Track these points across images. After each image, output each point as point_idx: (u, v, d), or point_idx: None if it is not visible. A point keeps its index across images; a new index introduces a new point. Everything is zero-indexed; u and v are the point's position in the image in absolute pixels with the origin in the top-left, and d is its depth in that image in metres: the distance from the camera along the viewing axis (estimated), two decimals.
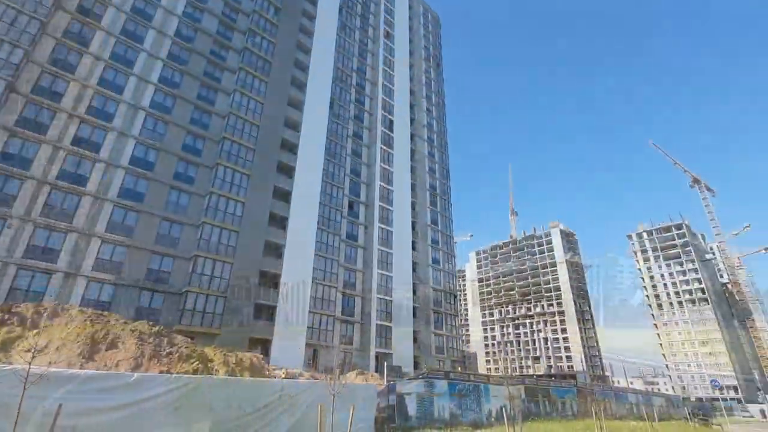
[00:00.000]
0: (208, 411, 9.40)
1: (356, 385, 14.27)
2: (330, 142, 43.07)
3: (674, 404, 45.78)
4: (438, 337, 48.25)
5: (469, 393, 21.94)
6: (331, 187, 41.61)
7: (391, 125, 52.51)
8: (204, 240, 30.61)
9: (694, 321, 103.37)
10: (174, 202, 31.05)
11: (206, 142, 34.17)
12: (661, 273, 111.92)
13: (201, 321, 28.81)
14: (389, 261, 44.94)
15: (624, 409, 35.99)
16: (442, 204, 57.00)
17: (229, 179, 33.51)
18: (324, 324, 36.52)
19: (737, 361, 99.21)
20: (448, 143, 63.98)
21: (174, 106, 33.30)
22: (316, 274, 37.09)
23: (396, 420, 17.42)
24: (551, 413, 27.26)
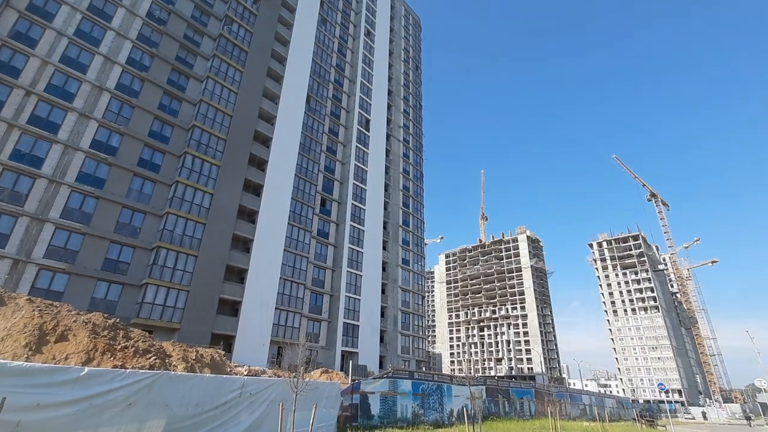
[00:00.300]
0: (163, 408, 9.05)
1: (320, 383, 14.15)
2: (305, 138, 42.52)
3: (624, 406, 48.27)
4: (405, 337, 48.65)
5: (432, 393, 22.23)
6: (304, 183, 41.08)
7: (367, 124, 52.45)
8: (167, 231, 29.45)
9: (645, 327, 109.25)
10: (137, 189, 29.69)
11: (175, 129, 32.88)
12: (618, 281, 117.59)
13: (161, 315, 27.71)
14: (359, 260, 44.88)
15: (578, 409, 37.60)
16: (414, 205, 57.47)
17: (197, 169, 32.42)
18: (290, 321, 36.02)
19: (682, 366, 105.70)
20: (423, 146, 64.59)
21: (142, 90, 31.83)
22: (284, 271, 36.52)
23: (359, 419, 17.42)
24: (510, 413, 28.08)
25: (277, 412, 11.44)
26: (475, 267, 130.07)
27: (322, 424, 13.70)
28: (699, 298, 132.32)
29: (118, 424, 8.35)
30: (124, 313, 26.54)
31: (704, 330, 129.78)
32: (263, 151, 37.89)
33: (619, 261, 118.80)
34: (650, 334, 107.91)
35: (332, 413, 14.40)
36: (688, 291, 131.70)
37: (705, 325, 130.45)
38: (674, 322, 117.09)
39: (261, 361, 31.35)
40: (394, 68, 62.41)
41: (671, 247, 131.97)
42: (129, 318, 26.42)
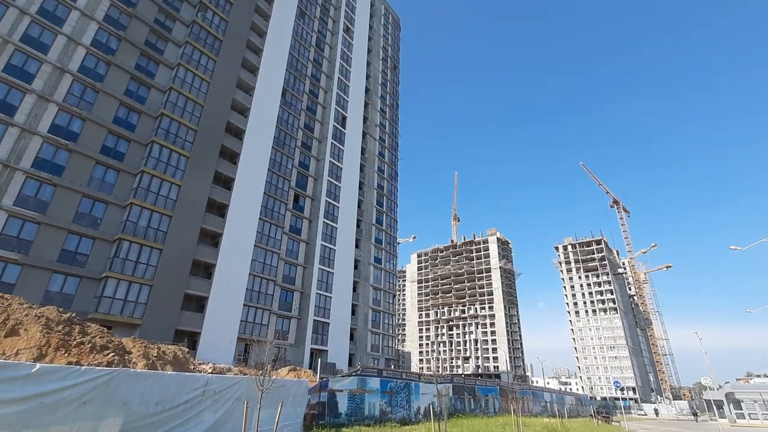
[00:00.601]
0: (121, 406, 8.70)
1: (287, 381, 13.98)
2: (279, 132, 41.80)
3: (582, 403, 50.37)
4: (375, 335, 48.79)
5: (400, 391, 22.43)
6: (278, 178, 40.40)
7: (343, 121, 52.15)
8: (131, 222, 28.25)
9: (604, 328, 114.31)
10: (99, 178, 28.29)
11: (142, 117, 31.54)
12: (581, 283, 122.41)
13: (121, 310, 26.57)
14: (332, 257, 44.63)
15: (540, 406, 38.94)
16: (388, 204, 57.67)
17: (165, 159, 31.24)
18: (259, 318, 35.39)
19: (637, 365, 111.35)
20: (399, 145, 64.89)
21: (107, 74, 30.33)
22: (254, 267, 35.83)
23: (326, 417, 17.36)
24: (475, 410, 28.72)
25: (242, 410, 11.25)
26: (446, 267, 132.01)
27: (288, 422, 13.56)
28: (654, 301, 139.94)
29: (71, 423, 7.97)
30: (82, 307, 25.27)
31: (658, 331, 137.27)
32: (235, 144, 36.97)
33: (583, 264, 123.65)
34: (608, 335, 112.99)
35: (299, 411, 14.28)
36: (644, 294, 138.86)
37: (659, 327, 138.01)
38: (631, 323, 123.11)
39: (227, 359, 30.65)
40: (372, 66, 62.32)
41: (630, 251, 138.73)
42: (86, 313, 25.18)
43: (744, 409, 42.93)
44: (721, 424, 34.98)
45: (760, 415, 41.78)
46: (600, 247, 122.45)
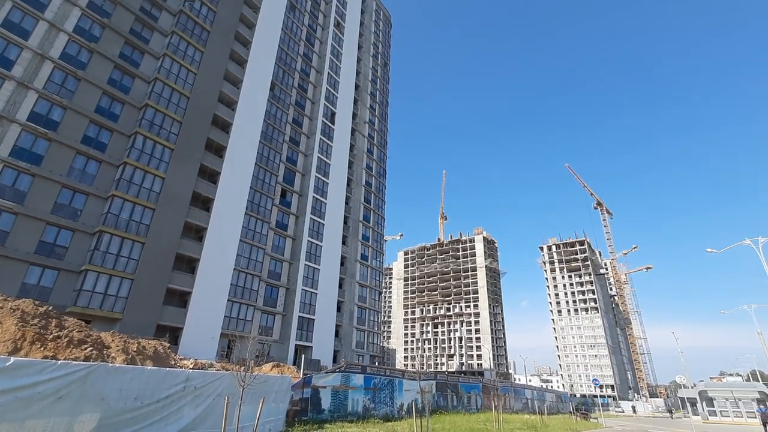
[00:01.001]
0: (98, 402, 8.55)
1: (269, 377, 13.92)
2: (267, 126, 41.36)
3: (563, 400, 51.40)
4: (360, 332, 48.85)
5: (383, 387, 22.54)
6: (265, 173, 40.00)
7: (332, 117, 51.87)
8: (112, 214, 27.63)
9: (585, 327, 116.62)
10: (79, 169, 27.57)
11: (125, 107, 30.83)
12: (564, 283, 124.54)
13: (101, 304, 26.02)
14: (318, 254, 44.46)
15: (521, 403, 39.60)
16: (376, 201, 57.66)
17: (148, 151, 30.62)
18: (243, 313, 35.08)
19: (616, 364, 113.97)
20: (387, 142, 64.85)
21: (90, 62, 29.52)
22: (239, 262, 35.46)
23: (309, 413, 17.34)
24: (458, 407, 29.06)
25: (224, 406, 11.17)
26: (433, 265, 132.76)
27: (270, 418, 13.52)
28: (633, 301, 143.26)
29: (46, 418, 7.80)
30: (60, 300, 24.67)
31: (636, 330, 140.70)
32: (222, 137, 36.45)
33: (566, 264, 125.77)
34: (589, 333, 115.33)
35: (281, 407, 14.24)
36: (624, 294, 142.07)
37: (637, 326, 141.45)
38: (611, 323, 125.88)
39: (210, 354, 30.35)
40: (362, 62, 62.06)
41: (612, 252, 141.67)
42: (65, 306, 24.59)
43: (716, 407, 44.41)
44: (694, 421, 36.14)
45: (731, 412, 43.28)
46: (583, 247, 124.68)
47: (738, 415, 42.60)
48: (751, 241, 24.99)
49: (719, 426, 35.87)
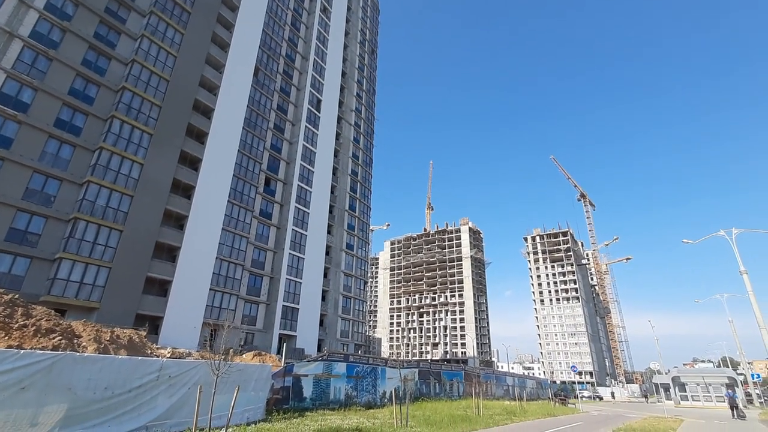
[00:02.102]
0: (65, 392, 8.26)
1: (248, 366, 13.74)
2: (251, 112, 40.45)
3: (543, 386, 52.68)
4: (345, 321, 48.90)
5: (366, 375, 22.61)
6: (248, 160, 39.24)
7: (318, 104, 51.05)
8: (87, 201, 26.75)
9: (566, 316, 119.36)
10: (52, 153, 26.53)
11: (101, 89, 29.67)
12: (547, 273, 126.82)
13: (77, 293, 25.30)
14: (303, 243, 44.09)
15: (502, 390, 40.40)
16: (362, 191, 57.32)
17: (126, 135, 29.62)
18: (226, 303, 34.66)
19: (595, 351, 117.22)
20: (374, 132, 64.30)
21: (62, 41, 28.23)
22: (221, 250, 34.91)
23: (290, 401, 17.28)
24: (440, 394, 29.44)
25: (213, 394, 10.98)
26: (419, 255, 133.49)
27: (250, 407, 13.39)
28: (613, 291, 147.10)
29: (8, 410, 7.50)
30: (33, 289, 23.92)
31: (615, 319, 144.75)
32: (203, 123, 35.51)
33: (549, 255, 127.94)
34: (570, 322, 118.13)
35: (261, 396, 14.11)
36: (605, 284, 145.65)
37: (616, 315, 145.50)
38: (591, 312, 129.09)
39: (191, 344, 29.94)
40: (349, 49, 61.05)
41: (594, 243, 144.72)
42: (38, 295, 23.86)
43: (688, 392, 46.14)
44: (666, 405, 37.46)
45: (702, 396, 45.03)
46: (566, 238, 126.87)
47: (708, 400, 44.35)
48: (725, 233, 25.67)
49: (690, 410, 37.28)
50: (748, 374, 46.72)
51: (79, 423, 8.41)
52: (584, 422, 20.13)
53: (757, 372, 58.85)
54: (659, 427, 17.71)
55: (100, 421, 8.74)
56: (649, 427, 17.80)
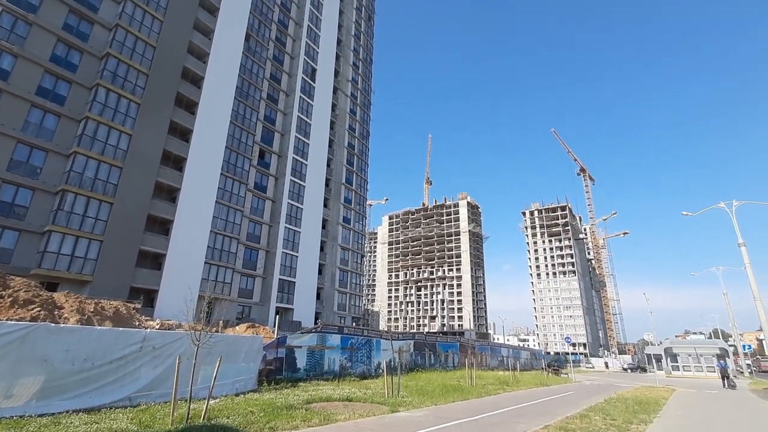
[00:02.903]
0: (41, 364, 7.98)
1: (238, 337, 13.58)
2: (243, 81, 39.10)
3: (537, 357, 53.70)
4: (342, 294, 49.16)
5: (361, 347, 22.67)
6: (241, 132, 38.24)
7: (313, 74, 49.44)
8: (75, 173, 26.09)
9: (562, 289, 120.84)
10: (36, 123, 25.66)
11: (84, 56, 28.44)
12: (544, 247, 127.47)
13: (68, 266, 25.04)
14: (299, 216, 43.67)
15: (497, 360, 41.05)
16: (358, 164, 56.44)
17: (112, 105, 28.62)
18: (221, 276, 34.54)
19: (589, 324, 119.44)
20: (371, 103, 62.70)
21: (42, 5, 26.81)
22: (216, 224, 34.50)
23: (284, 372, 17.28)
24: (435, 365, 29.77)
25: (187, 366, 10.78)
26: (417, 229, 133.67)
27: (240, 377, 13.29)
28: (609, 265, 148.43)
29: None
30: (23, 263, 23.66)
31: (610, 292, 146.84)
32: (193, 92, 34.34)
33: (547, 229, 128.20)
34: (566, 296, 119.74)
35: (253, 367, 14.02)
36: (601, 258, 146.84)
37: (612, 289, 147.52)
38: (587, 285, 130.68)
39: (187, 317, 29.93)
40: (345, 15, 58.64)
41: (592, 218, 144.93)
42: (29, 269, 23.61)
43: (679, 362, 47.08)
44: (658, 375, 38.23)
45: (693, 367, 45.98)
46: (564, 213, 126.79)
47: (699, 370, 45.30)
48: (725, 205, 25.28)
49: (681, 380, 38.06)
50: (739, 345, 47.54)
51: (58, 394, 8.18)
52: (576, 392, 20.36)
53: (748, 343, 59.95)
54: (651, 397, 17.87)
55: (81, 393, 8.52)
56: (641, 396, 17.97)
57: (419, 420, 9.42)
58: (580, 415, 11.22)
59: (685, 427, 10.49)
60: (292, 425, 7.89)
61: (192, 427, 7.30)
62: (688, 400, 18.28)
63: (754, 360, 64.05)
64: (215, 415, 8.48)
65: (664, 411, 13.26)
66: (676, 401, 17.34)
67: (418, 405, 11.87)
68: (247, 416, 8.38)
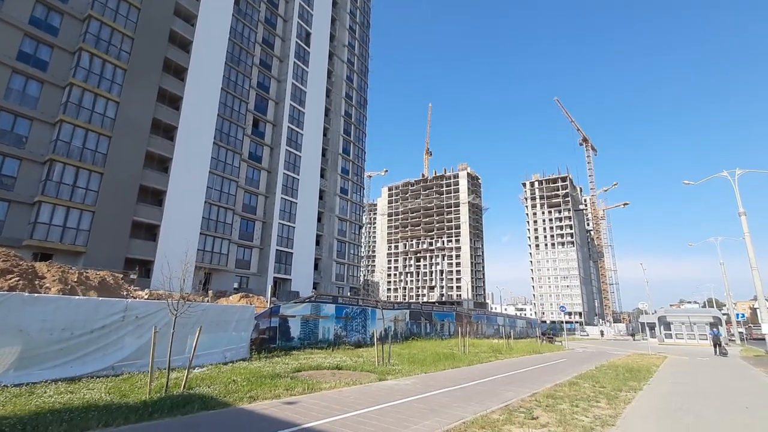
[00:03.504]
0: (16, 334, 7.81)
1: (228, 307, 13.47)
2: (233, 46, 37.56)
3: (532, 326, 54.65)
4: (339, 265, 49.37)
5: (356, 316, 22.78)
6: (233, 99, 37.10)
7: (307, 38, 47.50)
8: (63, 142, 25.43)
9: (560, 260, 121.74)
10: (18, 90, 24.75)
11: (65, 18, 27.09)
12: (543, 218, 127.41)
13: (61, 237, 24.84)
14: (295, 187, 43.14)
15: (493, 329, 41.70)
16: (356, 133, 55.29)
17: (97, 70, 27.53)
18: (218, 247, 34.47)
19: (585, 293, 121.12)
20: (369, 70, 60.70)
21: None
22: (210, 194, 34.07)
23: (277, 341, 17.35)
24: (431, 334, 30.15)
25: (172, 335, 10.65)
26: (417, 201, 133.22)
27: (231, 346, 13.27)
28: (608, 236, 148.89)
29: None
30: (14, 233, 23.42)
31: (608, 263, 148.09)
32: (182, 57, 33.02)
33: (547, 200, 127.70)
34: (564, 266, 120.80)
35: (244, 336, 13.99)
36: (600, 229, 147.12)
37: (609, 259, 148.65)
38: (585, 256, 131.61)
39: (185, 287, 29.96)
40: None
41: (593, 189, 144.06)
42: (20, 240, 23.42)
43: (672, 330, 47.88)
44: (650, 343, 38.89)
45: (686, 335, 46.79)
46: (565, 184, 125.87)
47: (691, 338, 46.11)
48: (728, 173, 24.72)
49: (673, 347, 38.75)
50: (733, 314, 48.16)
51: (37, 364, 8.06)
52: (568, 359, 20.59)
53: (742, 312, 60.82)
54: (642, 364, 18.03)
55: (61, 362, 8.40)
56: (633, 363, 18.13)
57: (405, 388, 9.37)
58: (569, 382, 11.22)
59: (675, 394, 10.48)
60: (274, 394, 7.80)
61: (168, 396, 7.18)
62: (679, 368, 18.45)
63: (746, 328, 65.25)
64: (197, 384, 8.39)
65: (654, 378, 13.32)
66: (667, 368, 17.49)
67: (408, 373, 11.88)
68: (229, 385, 8.29)
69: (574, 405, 8.06)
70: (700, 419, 7.45)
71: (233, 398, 7.21)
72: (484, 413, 6.93)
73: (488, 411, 7.16)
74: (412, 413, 6.86)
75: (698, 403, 9.12)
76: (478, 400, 8.23)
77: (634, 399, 9.15)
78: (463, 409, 7.33)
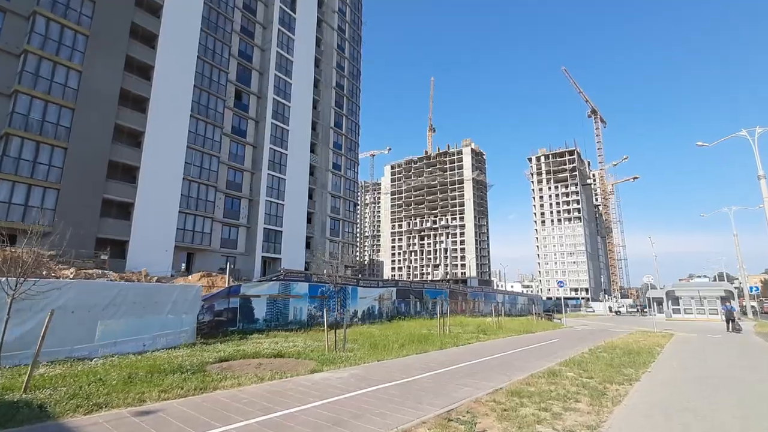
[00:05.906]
0: None
1: (161, 286, 11.85)
2: (209, 10, 35.03)
3: (535, 302, 52.98)
4: (333, 243, 47.83)
5: (333, 295, 21.12)
6: (211, 69, 34.83)
7: (293, 3, 44.53)
8: (19, 114, 23.70)
9: (567, 236, 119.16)
10: None
11: None
12: (550, 194, 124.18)
13: (22, 216, 23.38)
14: (283, 162, 41.19)
15: (491, 307, 40.09)
16: (348, 106, 52.72)
17: (55, 37, 25.48)
18: (200, 226, 32.97)
19: (592, 269, 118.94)
20: (362, 39, 57.52)
21: None
22: (189, 171, 32.33)
23: (237, 323, 15.81)
24: (422, 312, 28.58)
25: (74, 320, 9.01)
26: (420, 179, 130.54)
27: (168, 331, 11.70)
28: (617, 211, 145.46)
29: None
30: None
31: (616, 238, 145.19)
32: (151, 22, 30.71)
33: (554, 175, 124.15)
34: (570, 242, 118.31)
35: (186, 319, 12.41)
36: (609, 204, 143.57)
37: (618, 235, 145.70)
38: (593, 231, 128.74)
39: (164, 268, 28.68)
40: None
41: (602, 163, 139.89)
42: None
43: (681, 305, 45.86)
44: (657, 319, 37.06)
45: (695, 310, 44.77)
46: (572, 157, 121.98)
47: (701, 313, 44.09)
48: (747, 132, 22.17)
49: (681, 323, 36.85)
50: (746, 287, 45.90)
51: None
52: (561, 339, 18.83)
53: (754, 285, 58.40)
54: (644, 345, 16.19)
55: None
56: (633, 344, 16.31)
57: (334, 384, 7.63)
58: (549, 371, 9.43)
59: (680, 386, 8.65)
60: (136, 399, 5.99)
61: None
62: (687, 347, 16.59)
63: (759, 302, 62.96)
64: (49, 384, 6.66)
65: (656, 364, 11.48)
66: (673, 349, 15.65)
67: (357, 361, 10.18)
68: (85, 387, 6.47)
69: (543, 408, 6.25)
70: (716, 429, 5.61)
71: (69, 406, 5.48)
72: (405, 428, 5.11)
73: (416, 422, 5.35)
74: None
75: (711, 401, 7.28)
76: (414, 403, 6.41)
77: (625, 396, 7.33)
78: (382, 418, 5.53)
